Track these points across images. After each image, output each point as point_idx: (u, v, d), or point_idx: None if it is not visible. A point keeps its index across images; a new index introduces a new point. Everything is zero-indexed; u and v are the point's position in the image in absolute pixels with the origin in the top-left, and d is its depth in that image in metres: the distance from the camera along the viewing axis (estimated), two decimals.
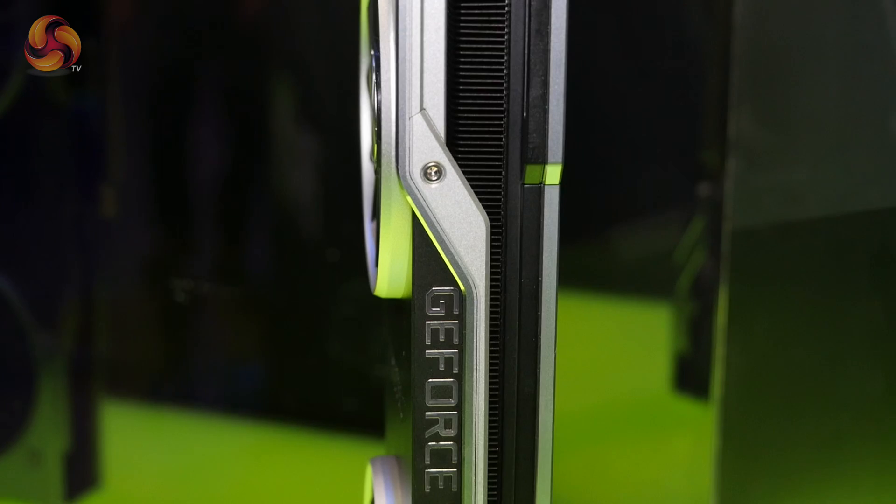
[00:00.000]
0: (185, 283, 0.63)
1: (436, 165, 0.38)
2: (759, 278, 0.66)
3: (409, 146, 0.38)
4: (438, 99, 0.38)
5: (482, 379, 0.39)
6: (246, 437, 0.67)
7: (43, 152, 0.61)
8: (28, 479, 0.61)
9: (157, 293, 0.63)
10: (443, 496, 0.40)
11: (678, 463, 0.75)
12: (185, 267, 0.63)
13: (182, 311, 0.64)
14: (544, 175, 0.39)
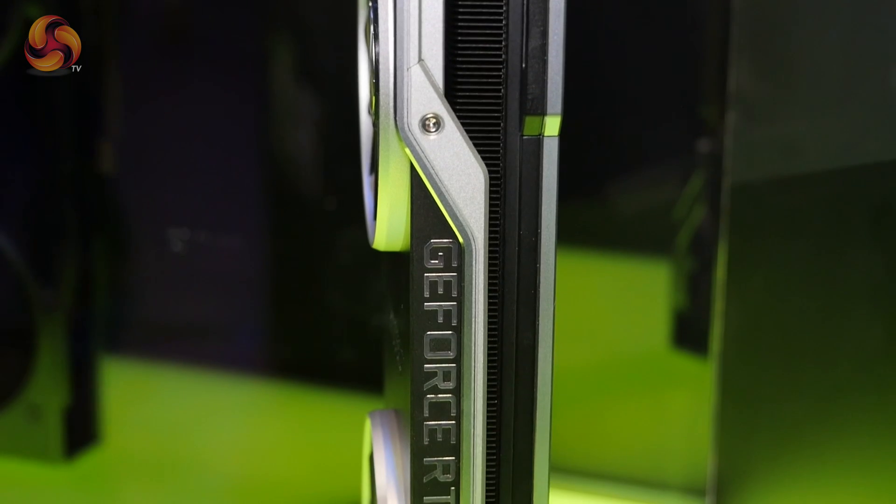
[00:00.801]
0: (182, 233, 0.63)
1: (434, 117, 0.38)
2: (758, 233, 0.66)
3: (407, 98, 0.38)
4: (437, 50, 0.38)
5: (481, 331, 0.39)
6: (245, 392, 0.68)
7: (40, 107, 0.61)
8: (28, 435, 0.61)
9: (155, 247, 0.63)
10: (442, 449, 0.40)
11: (677, 418, 0.75)
12: (182, 218, 0.63)
13: (180, 263, 0.64)
14: (543, 126, 0.39)
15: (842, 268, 0.55)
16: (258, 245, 0.68)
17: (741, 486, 0.69)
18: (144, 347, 0.65)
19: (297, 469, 0.70)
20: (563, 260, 0.41)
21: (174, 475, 0.66)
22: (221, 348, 0.67)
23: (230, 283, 0.67)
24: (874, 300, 0.52)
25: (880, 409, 0.51)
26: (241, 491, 0.68)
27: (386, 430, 0.47)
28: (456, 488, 0.40)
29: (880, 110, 0.53)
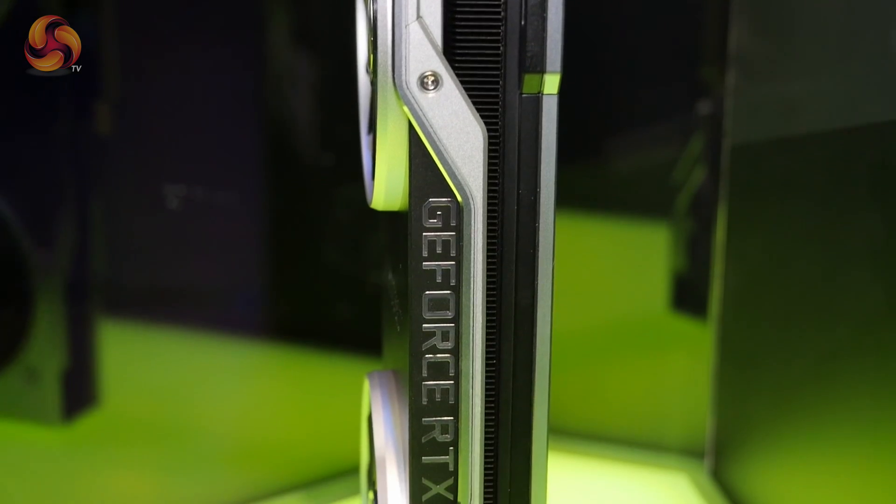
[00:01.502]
0: (179, 190, 0.62)
1: (432, 74, 0.38)
2: (757, 194, 0.66)
3: (405, 55, 0.37)
4: (435, 6, 0.37)
5: (479, 291, 0.39)
6: (243, 354, 0.67)
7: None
8: (25, 397, 0.61)
9: (152, 208, 0.63)
10: (440, 408, 0.40)
11: (676, 381, 0.75)
12: (179, 176, 0.63)
13: (177, 224, 0.63)
14: (542, 84, 0.39)
15: (842, 229, 0.55)
16: (255, 204, 0.68)
17: (740, 448, 0.69)
18: (142, 309, 0.64)
19: (296, 431, 0.70)
20: (561, 223, 0.40)
21: (172, 437, 0.66)
22: (219, 310, 0.67)
23: (228, 243, 0.67)
24: (874, 261, 0.52)
25: (879, 370, 0.51)
26: (240, 453, 0.68)
27: (384, 391, 0.47)
28: (454, 448, 0.40)
29: (881, 70, 0.52)
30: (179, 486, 0.66)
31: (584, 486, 0.73)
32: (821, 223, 0.58)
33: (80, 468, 0.63)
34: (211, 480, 0.67)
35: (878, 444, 0.52)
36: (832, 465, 0.57)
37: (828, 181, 0.57)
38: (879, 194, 0.52)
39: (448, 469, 0.40)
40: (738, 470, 0.69)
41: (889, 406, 0.50)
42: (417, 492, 0.41)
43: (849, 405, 0.54)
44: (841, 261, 0.55)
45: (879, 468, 0.51)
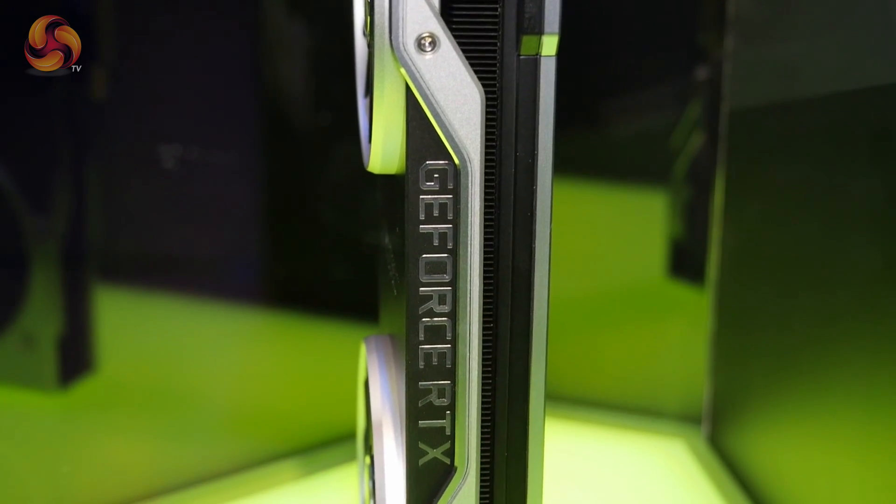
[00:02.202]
0: (174, 150, 0.62)
1: (430, 36, 0.37)
2: (755, 158, 0.66)
3: (402, 16, 0.37)
4: None
5: (477, 254, 0.39)
6: (239, 320, 0.67)
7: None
8: (22, 364, 0.61)
9: (148, 174, 0.63)
10: (437, 372, 0.40)
11: (673, 347, 0.75)
12: (174, 138, 0.62)
13: (173, 189, 0.63)
14: (540, 46, 0.38)
15: (840, 193, 0.55)
16: (251, 168, 0.67)
17: (736, 414, 0.69)
18: (138, 276, 0.64)
19: (292, 397, 0.70)
20: (558, 189, 0.40)
21: (168, 404, 0.66)
22: (215, 276, 0.67)
23: (224, 209, 0.66)
24: (872, 226, 0.52)
25: (877, 335, 0.51)
26: (236, 419, 0.68)
27: (381, 355, 0.47)
28: (451, 412, 0.40)
29: (879, 34, 0.52)
30: (176, 452, 0.66)
31: (581, 452, 0.74)
32: (819, 188, 0.57)
33: (77, 434, 0.63)
34: (207, 447, 0.67)
35: (875, 410, 0.52)
36: (829, 431, 0.57)
37: (827, 145, 0.57)
38: (878, 158, 0.51)
39: (445, 433, 0.40)
40: (734, 436, 0.69)
41: (886, 371, 0.50)
42: (414, 456, 0.41)
43: (846, 370, 0.54)
44: (839, 225, 0.55)
45: (876, 433, 0.51)
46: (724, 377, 0.71)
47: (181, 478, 0.65)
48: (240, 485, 0.67)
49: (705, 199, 0.71)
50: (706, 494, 0.68)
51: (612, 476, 0.71)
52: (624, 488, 0.69)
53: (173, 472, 0.65)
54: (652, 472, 0.71)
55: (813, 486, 0.58)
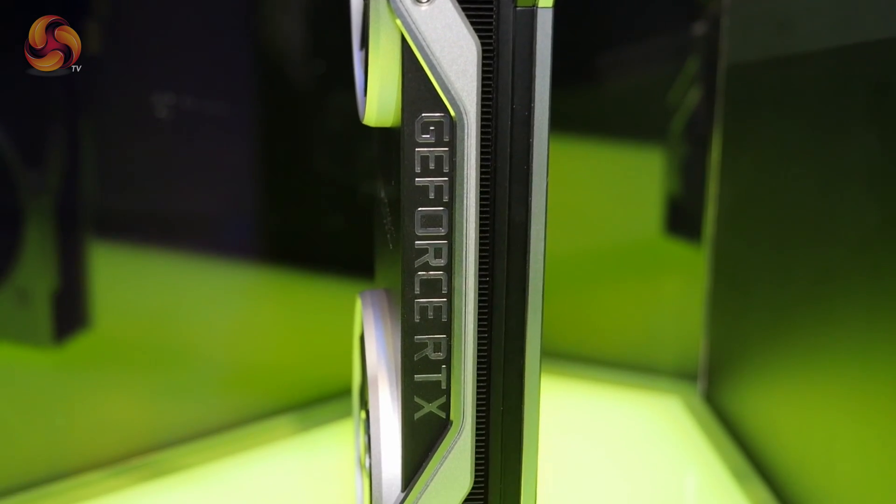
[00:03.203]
0: (168, 98, 0.62)
1: None
2: (753, 114, 0.65)
3: None
4: None
5: (472, 207, 0.39)
6: (235, 276, 0.67)
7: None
8: (16, 319, 0.61)
9: (143, 128, 0.62)
10: (433, 326, 0.40)
11: (669, 304, 0.75)
12: (170, 87, 0.62)
13: (168, 141, 0.63)
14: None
15: (838, 148, 0.55)
16: (246, 123, 0.67)
17: (732, 370, 0.69)
18: (133, 231, 0.64)
19: (288, 352, 0.70)
20: (555, 146, 0.40)
21: (164, 359, 0.66)
22: (211, 231, 0.67)
23: (218, 162, 0.66)
24: (870, 181, 0.52)
25: (874, 290, 0.51)
26: (232, 374, 0.68)
27: (377, 310, 0.47)
28: (447, 366, 0.40)
29: None
30: (171, 407, 0.66)
31: (577, 408, 0.74)
32: (817, 142, 0.57)
33: (72, 390, 0.63)
34: (203, 402, 0.67)
35: (871, 365, 0.52)
36: (825, 386, 0.57)
37: (825, 100, 0.56)
38: (876, 112, 0.51)
39: (440, 387, 0.40)
40: (730, 392, 0.69)
41: (883, 327, 0.50)
42: (409, 410, 0.40)
43: (843, 326, 0.54)
44: (837, 180, 0.55)
45: (872, 389, 0.51)
46: (721, 334, 0.71)
47: (177, 433, 0.66)
48: (235, 440, 0.67)
49: (702, 156, 0.71)
50: (701, 450, 0.68)
51: (608, 432, 0.71)
52: (619, 444, 0.69)
53: (169, 428, 0.65)
54: (647, 428, 0.71)
55: (808, 441, 0.58)
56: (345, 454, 0.65)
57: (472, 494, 0.41)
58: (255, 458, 0.66)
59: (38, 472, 0.61)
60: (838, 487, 0.55)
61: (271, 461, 0.66)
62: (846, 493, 0.54)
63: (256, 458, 0.66)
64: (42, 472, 0.61)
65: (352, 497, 0.60)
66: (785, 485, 0.61)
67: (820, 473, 0.57)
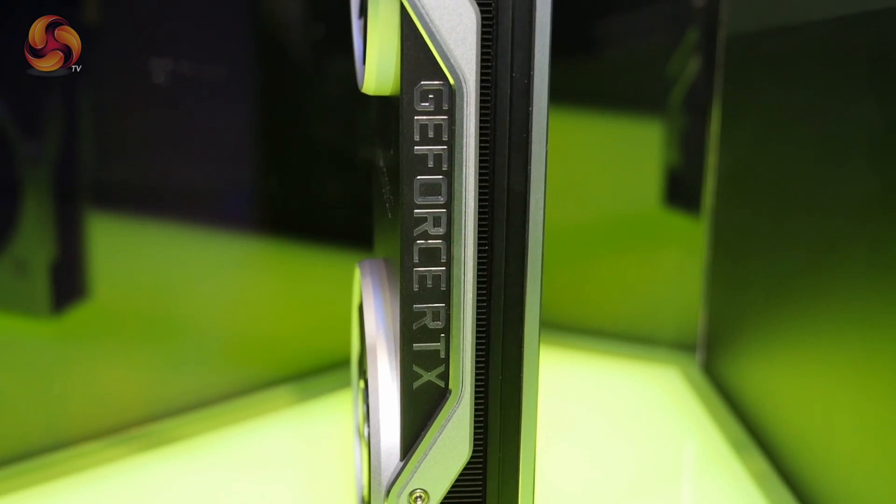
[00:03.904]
0: (165, 65, 0.61)
1: None
2: (752, 84, 0.65)
3: None
4: None
5: (472, 176, 0.38)
6: (233, 247, 0.67)
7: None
8: (14, 290, 0.61)
9: (142, 97, 0.62)
10: (432, 295, 0.40)
11: (668, 276, 0.75)
12: (165, 54, 0.62)
13: (164, 105, 0.63)
14: None
15: (838, 118, 0.55)
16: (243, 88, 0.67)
17: (731, 341, 0.69)
18: (131, 201, 0.64)
19: (287, 322, 0.70)
20: (553, 117, 0.40)
21: (162, 330, 0.66)
22: (209, 202, 0.67)
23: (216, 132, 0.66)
24: (870, 151, 0.51)
25: (873, 261, 0.51)
26: (230, 344, 0.68)
27: (375, 279, 0.47)
28: (446, 335, 0.40)
29: None
30: (169, 378, 0.66)
31: (576, 378, 0.74)
32: (817, 113, 0.57)
33: (70, 360, 0.62)
34: (201, 373, 0.67)
35: (870, 336, 0.52)
36: (824, 357, 0.57)
37: (825, 70, 0.56)
38: (876, 82, 0.51)
39: (439, 356, 0.40)
40: (729, 363, 0.69)
41: (882, 297, 0.50)
42: (408, 379, 0.40)
43: (842, 296, 0.54)
44: (837, 151, 0.55)
45: (871, 359, 0.51)
46: (719, 305, 0.71)
47: (175, 403, 0.66)
48: (234, 410, 0.67)
49: (702, 127, 0.71)
50: (700, 421, 0.68)
51: (607, 403, 0.71)
52: (618, 414, 0.69)
53: (167, 398, 0.66)
54: (646, 398, 0.71)
55: (806, 412, 0.58)
56: (343, 424, 0.65)
57: (471, 463, 0.41)
58: (253, 428, 0.66)
59: (37, 441, 0.61)
60: (836, 457, 0.55)
61: (270, 431, 0.66)
62: (844, 462, 0.54)
63: (255, 428, 0.66)
64: (41, 441, 0.61)
65: (350, 466, 0.60)
66: (783, 455, 0.61)
67: (818, 444, 0.57)
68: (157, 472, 0.62)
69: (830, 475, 0.56)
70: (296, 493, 0.60)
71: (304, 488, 0.60)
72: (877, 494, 0.51)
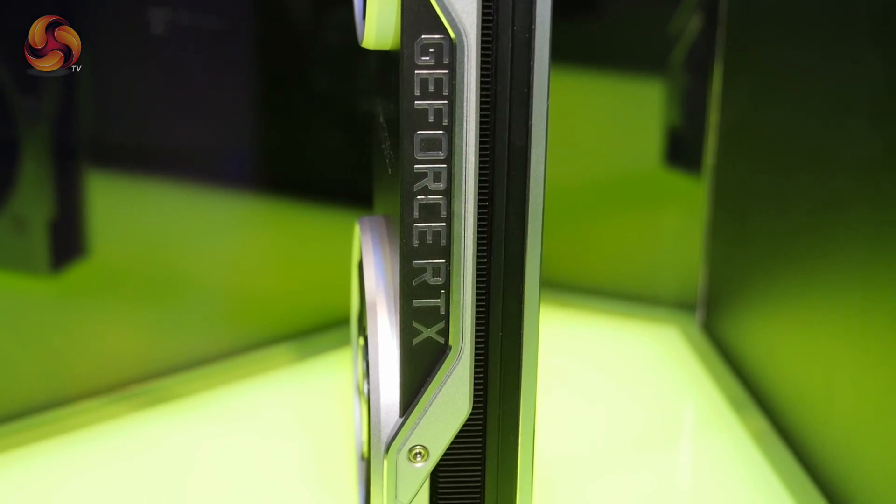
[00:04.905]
0: (165, 13, 0.61)
1: None
2: (755, 41, 0.65)
3: None
4: None
5: (472, 131, 0.38)
6: (233, 206, 0.67)
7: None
8: (13, 247, 0.61)
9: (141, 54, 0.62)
10: (432, 251, 0.39)
11: (669, 235, 0.75)
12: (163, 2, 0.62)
13: (163, 56, 0.62)
14: None
15: (840, 76, 0.54)
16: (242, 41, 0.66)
17: (731, 300, 0.69)
18: (130, 158, 0.64)
19: (286, 281, 0.70)
20: (554, 76, 0.39)
21: (162, 288, 0.65)
22: (208, 160, 0.67)
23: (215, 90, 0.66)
24: (872, 108, 0.51)
25: (875, 220, 0.51)
26: (230, 303, 0.68)
27: (375, 236, 0.47)
28: (446, 291, 0.40)
29: None
30: (169, 336, 0.66)
31: (576, 337, 0.74)
32: (819, 70, 0.57)
33: (69, 318, 0.62)
34: (201, 331, 0.67)
35: (870, 294, 0.51)
36: (824, 316, 0.57)
37: (827, 27, 0.56)
38: (880, 39, 0.51)
39: (439, 312, 0.40)
40: (729, 322, 0.69)
41: (883, 256, 0.50)
42: (408, 335, 0.40)
43: (843, 255, 0.54)
44: (839, 108, 0.55)
45: (872, 318, 0.51)
46: (720, 264, 0.71)
47: (175, 361, 0.66)
48: (234, 368, 0.67)
49: (703, 86, 0.71)
50: (699, 380, 0.68)
51: (606, 361, 0.71)
52: (618, 373, 0.69)
53: (167, 356, 0.66)
54: (646, 357, 0.71)
55: (806, 370, 0.58)
56: (343, 382, 0.65)
57: (471, 419, 0.41)
58: (253, 386, 0.66)
59: (36, 399, 0.61)
60: (835, 416, 0.55)
61: (269, 389, 0.66)
62: (843, 421, 0.54)
63: (254, 386, 0.66)
64: (40, 399, 0.61)
65: (350, 424, 0.60)
66: (782, 413, 0.61)
67: (818, 402, 0.57)
68: (157, 429, 0.62)
69: (829, 434, 0.56)
70: (295, 451, 0.60)
71: (303, 446, 0.60)
72: (876, 453, 0.51)
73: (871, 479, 0.52)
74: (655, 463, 0.60)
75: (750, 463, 0.60)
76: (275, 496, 0.56)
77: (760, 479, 0.58)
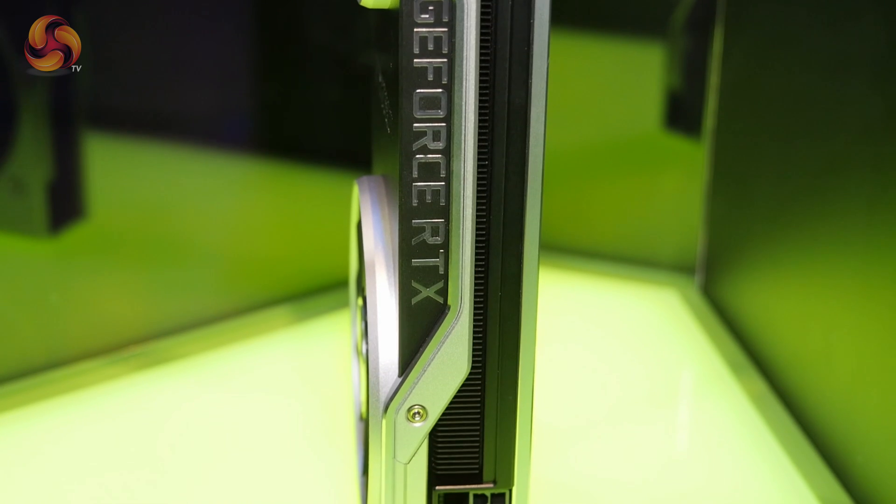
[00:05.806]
0: None
1: None
2: (755, 3, 0.65)
3: None
4: None
5: (472, 89, 0.38)
6: (232, 169, 0.67)
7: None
8: (12, 209, 0.61)
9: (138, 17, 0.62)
10: (431, 210, 0.39)
11: (669, 198, 0.75)
12: None
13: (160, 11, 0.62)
14: None
15: (842, 37, 0.54)
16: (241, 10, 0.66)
17: (730, 264, 0.69)
18: (128, 121, 0.63)
19: (285, 243, 0.70)
20: (554, 39, 0.39)
21: (160, 250, 0.65)
22: (206, 122, 0.66)
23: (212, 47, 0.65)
24: (874, 70, 0.51)
25: (876, 183, 0.51)
26: (228, 265, 0.68)
27: (374, 196, 0.47)
28: (445, 251, 0.40)
29: None
30: (167, 298, 0.66)
31: (575, 300, 0.74)
32: (821, 32, 0.57)
33: (68, 279, 0.62)
34: (199, 292, 0.67)
35: (870, 258, 0.51)
36: (824, 279, 0.56)
37: None
38: (881, 0, 0.50)
39: (438, 272, 0.40)
40: (728, 285, 0.69)
41: (883, 219, 0.50)
42: (407, 295, 0.40)
43: (843, 218, 0.54)
44: (840, 71, 0.54)
45: (871, 282, 0.51)
46: (719, 227, 0.71)
47: (173, 323, 0.66)
48: (231, 330, 0.67)
49: (703, 49, 0.70)
50: (698, 342, 0.68)
51: (606, 324, 0.71)
52: (617, 336, 0.70)
53: (165, 318, 0.66)
54: (645, 320, 0.71)
55: (805, 333, 0.58)
56: (341, 344, 0.65)
57: (470, 379, 0.41)
58: (251, 348, 0.66)
59: (35, 360, 0.61)
60: (835, 379, 0.55)
61: (267, 351, 0.66)
62: (843, 384, 0.54)
63: (253, 348, 0.66)
64: (38, 360, 0.61)
65: (348, 385, 0.60)
66: (781, 376, 0.61)
67: (816, 365, 0.57)
68: (155, 390, 0.62)
69: (828, 396, 0.56)
70: (293, 412, 0.60)
71: (302, 407, 0.60)
72: (874, 416, 0.51)
73: (869, 441, 0.52)
74: (654, 425, 0.60)
75: (749, 425, 0.60)
76: (274, 457, 0.56)
77: (759, 441, 0.58)
